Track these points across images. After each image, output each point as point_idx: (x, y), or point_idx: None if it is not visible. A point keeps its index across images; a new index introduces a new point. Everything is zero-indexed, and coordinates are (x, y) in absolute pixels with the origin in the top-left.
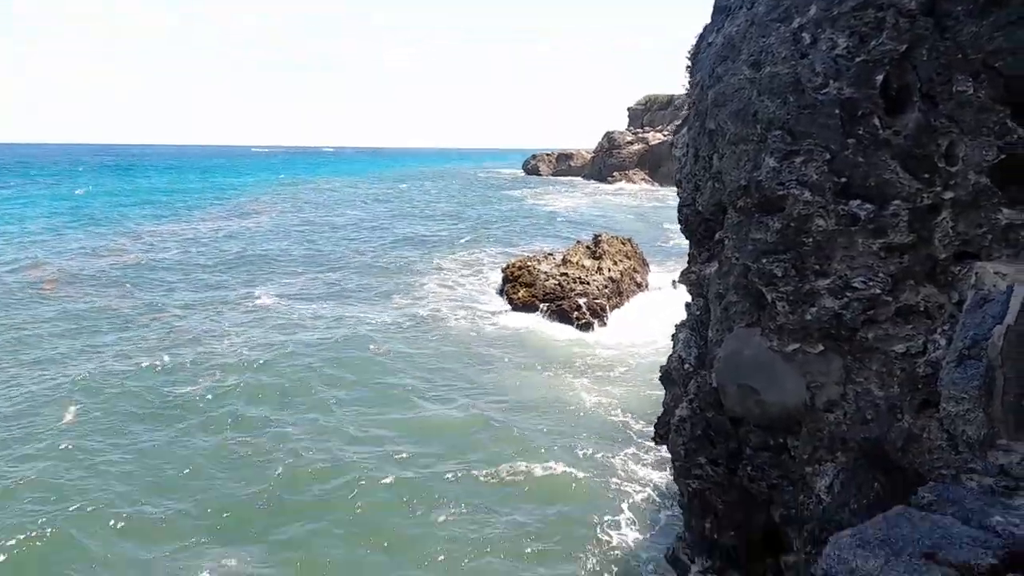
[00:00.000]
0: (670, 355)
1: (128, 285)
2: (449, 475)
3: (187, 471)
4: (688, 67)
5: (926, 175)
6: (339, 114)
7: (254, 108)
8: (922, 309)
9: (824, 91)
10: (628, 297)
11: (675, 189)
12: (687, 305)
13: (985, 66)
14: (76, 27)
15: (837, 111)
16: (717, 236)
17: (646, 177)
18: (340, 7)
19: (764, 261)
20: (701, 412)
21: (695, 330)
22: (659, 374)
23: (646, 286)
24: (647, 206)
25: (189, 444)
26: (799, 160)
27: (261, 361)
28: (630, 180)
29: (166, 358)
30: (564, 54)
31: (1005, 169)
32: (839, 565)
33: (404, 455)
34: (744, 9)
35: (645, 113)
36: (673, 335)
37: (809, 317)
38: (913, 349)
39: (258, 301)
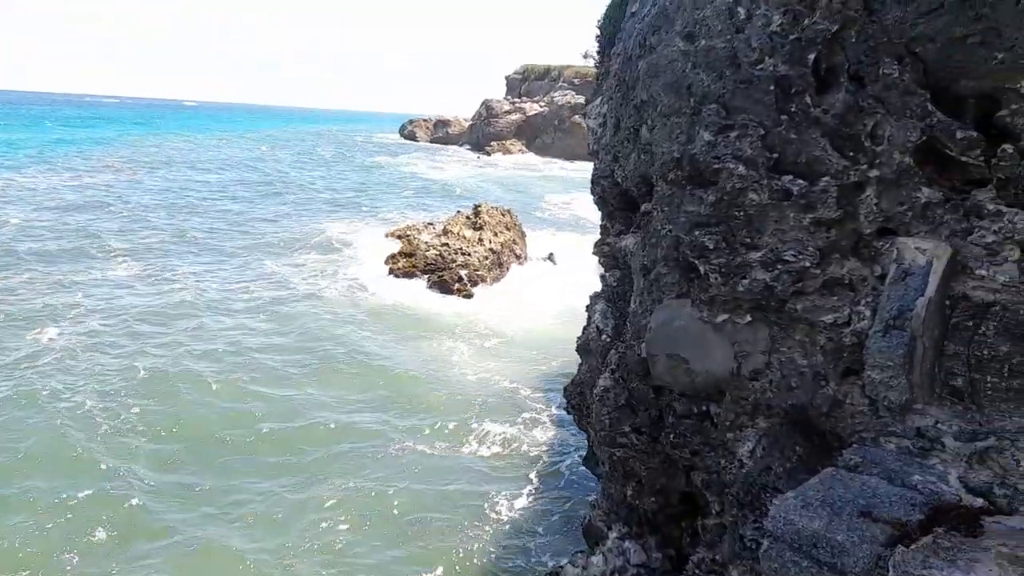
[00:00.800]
0: (585, 326)
1: None
2: (336, 453)
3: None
4: (597, 36)
5: (852, 153)
6: (196, 64)
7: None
8: (847, 282)
9: (760, 67)
10: (508, 268)
11: (551, 160)
12: (602, 277)
13: (908, 51)
14: None
15: (772, 87)
16: (644, 208)
17: (523, 148)
18: None
19: (697, 233)
20: (624, 382)
21: (611, 302)
22: (540, 344)
23: (525, 258)
24: (525, 176)
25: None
26: (734, 135)
27: (128, 334)
28: (507, 151)
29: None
30: (442, 17)
31: (924, 150)
32: (785, 526)
33: (284, 434)
34: None
35: (523, 83)
36: (588, 307)
37: (741, 289)
38: (839, 320)
39: (113, 273)
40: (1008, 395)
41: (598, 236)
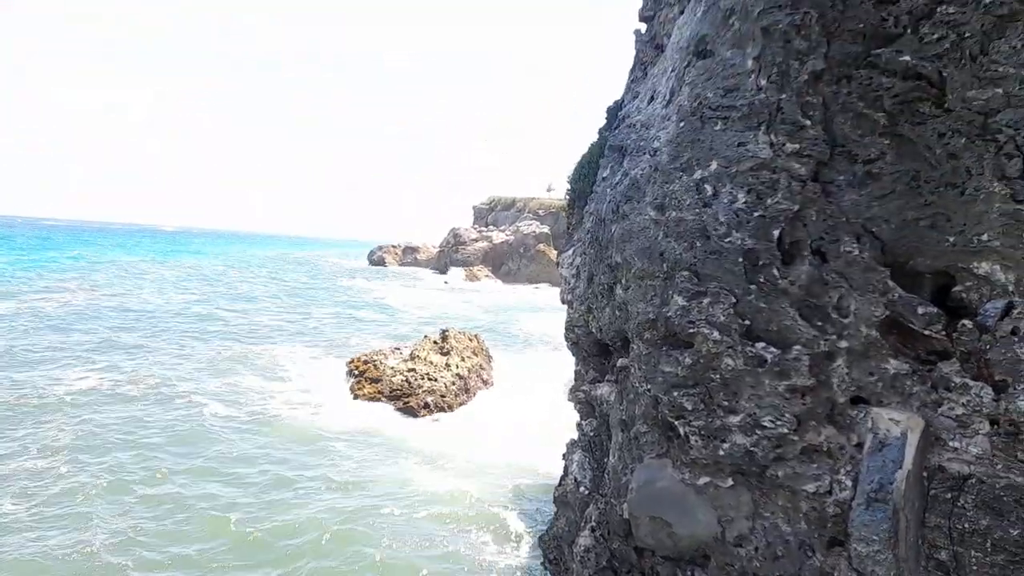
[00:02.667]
0: (562, 477)
1: None
2: None
3: None
4: (568, 190)
5: (820, 323)
6: (166, 188)
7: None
8: (825, 449)
9: (728, 239)
10: (474, 393)
11: (518, 286)
12: (578, 425)
13: (866, 230)
14: None
15: (740, 259)
16: (620, 363)
17: (489, 274)
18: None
19: (675, 394)
20: (606, 541)
21: (588, 451)
22: (510, 475)
23: (492, 383)
24: (490, 302)
25: None
26: (706, 301)
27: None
28: (474, 276)
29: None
30: (408, 142)
31: (888, 323)
32: None
33: (244, 563)
34: (647, 155)
35: (489, 212)
36: (564, 455)
37: (722, 453)
38: (821, 489)
39: (79, 384)
40: (993, 571)
41: (572, 380)
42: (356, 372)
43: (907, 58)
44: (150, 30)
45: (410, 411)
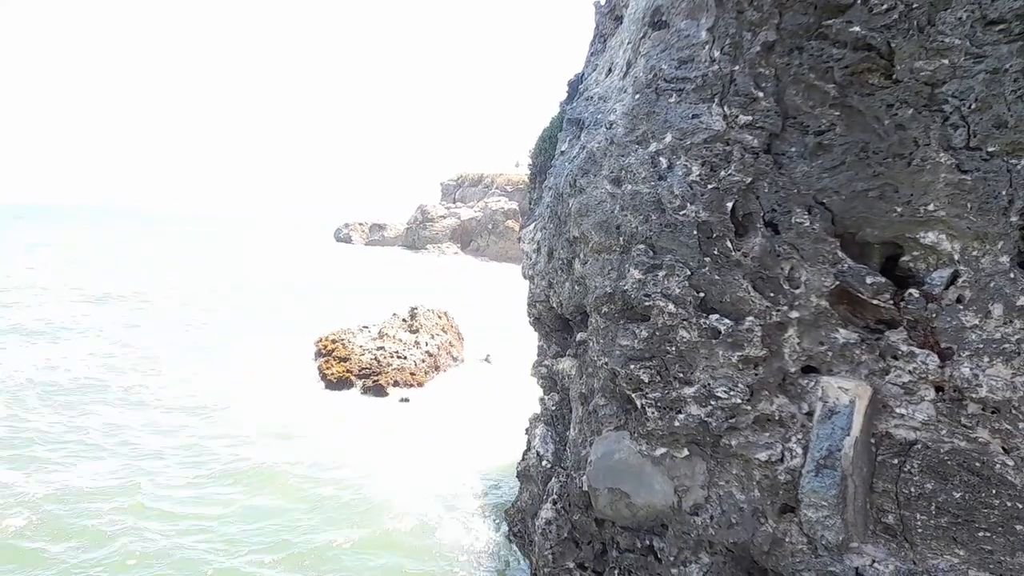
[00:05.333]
0: (525, 451)
1: None
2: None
3: None
4: (529, 164)
5: (772, 294)
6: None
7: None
8: (777, 418)
9: (683, 212)
10: (445, 370)
11: (486, 261)
12: (541, 400)
13: (816, 202)
14: None
15: (695, 232)
16: (579, 337)
17: (458, 250)
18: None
19: (632, 367)
20: (567, 514)
21: (551, 425)
22: (479, 451)
23: (462, 360)
24: (460, 279)
25: None
26: (662, 274)
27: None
28: (443, 253)
29: None
30: (376, 120)
31: (837, 293)
32: None
33: (215, 543)
34: (603, 128)
35: (457, 189)
36: (527, 429)
37: (677, 424)
38: (772, 457)
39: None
40: (937, 533)
41: (535, 356)
42: (324, 351)
43: (857, 29)
44: None
45: (379, 389)
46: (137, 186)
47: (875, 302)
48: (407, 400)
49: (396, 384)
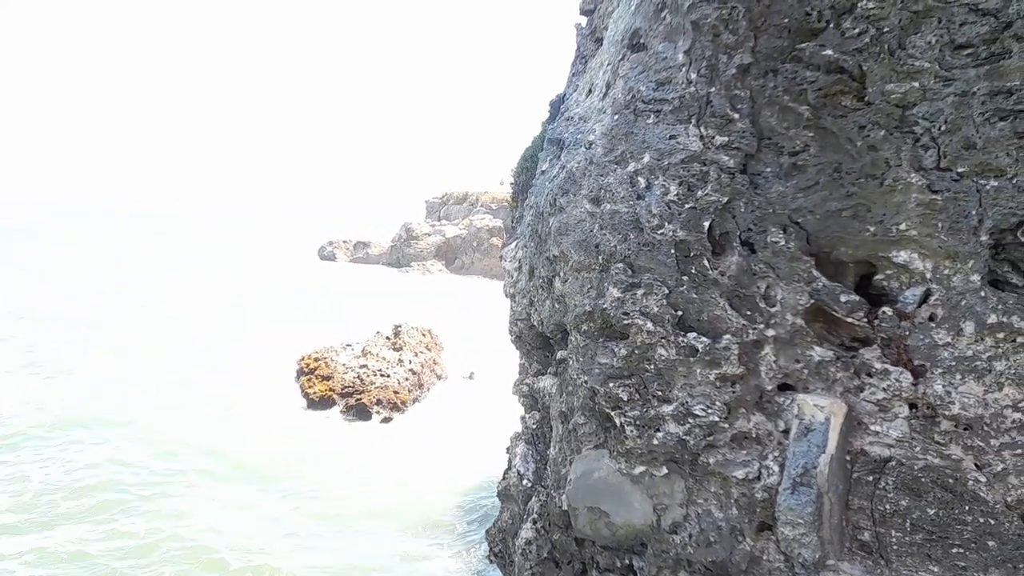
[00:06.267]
0: (506, 470)
1: None
2: None
3: None
4: (512, 183)
5: (749, 312)
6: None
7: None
8: (754, 436)
9: (660, 231)
10: (428, 388)
11: (471, 278)
12: (522, 418)
13: (791, 221)
14: None
15: (672, 251)
16: (560, 355)
17: (443, 268)
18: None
19: (611, 385)
20: (547, 533)
21: (531, 444)
22: (463, 471)
23: (446, 377)
24: (444, 297)
25: None
26: (640, 292)
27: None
28: (427, 271)
29: None
30: (361, 138)
31: (812, 312)
32: None
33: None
34: (583, 148)
35: (442, 206)
36: (508, 448)
37: (656, 442)
38: (750, 475)
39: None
40: (912, 549)
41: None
42: (307, 369)
43: (829, 52)
44: None
45: (362, 409)
46: (119, 184)
47: (850, 320)
48: (389, 420)
49: (379, 403)
